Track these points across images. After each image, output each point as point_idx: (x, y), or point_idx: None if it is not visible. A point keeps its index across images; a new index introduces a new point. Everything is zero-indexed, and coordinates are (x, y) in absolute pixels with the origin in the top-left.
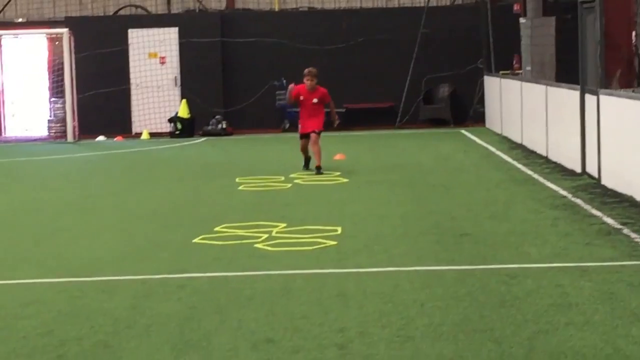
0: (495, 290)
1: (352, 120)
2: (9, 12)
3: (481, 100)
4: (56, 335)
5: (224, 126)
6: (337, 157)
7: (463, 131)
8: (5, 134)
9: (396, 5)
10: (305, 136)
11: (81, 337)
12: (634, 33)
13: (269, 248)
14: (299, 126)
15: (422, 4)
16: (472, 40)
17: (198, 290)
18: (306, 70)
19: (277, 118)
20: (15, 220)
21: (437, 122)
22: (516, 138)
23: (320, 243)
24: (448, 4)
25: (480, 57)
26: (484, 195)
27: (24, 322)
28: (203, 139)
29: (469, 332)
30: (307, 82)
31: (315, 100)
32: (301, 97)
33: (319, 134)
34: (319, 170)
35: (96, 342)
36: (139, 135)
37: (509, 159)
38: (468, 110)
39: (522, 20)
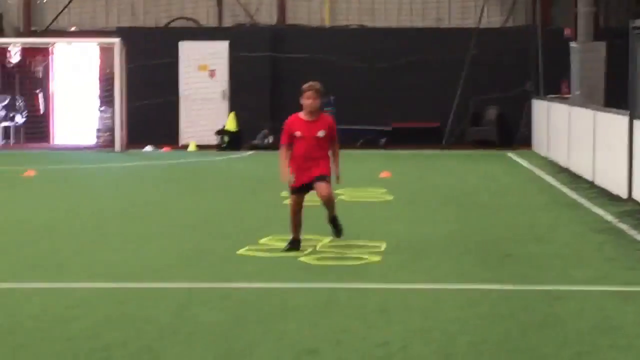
0: (538, 310)
1: (399, 139)
2: (62, 20)
3: (528, 123)
4: (101, 339)
5: (271, 140)
6: (383, 174)
7: (509, 154)
8: (54, 141)
9: (446, 26)
10: (300, 190)
11: (126, 342)
12: None
13: (314, 262)
14: (291, 176)
15: (473, 25)
16: (521, 63)
17: (242, 300)
18: (306, 85)
19: None
20: (63, 226)
21: (484, 144)
22: (563, 162)
23: (364, 259)
24: (498, 25)
25: (529, 81)
26: (529, 217)
27: (70, 325)
28: (250, 152)
29: (510, 351)
30: (308, 101)
31: (320, 134)
32: (297, 133)
33: (328, 180)
34: (335, 222)
35: (141, 347)
36: (186, 146)
37: (555, 183)
38: (515, 133)
39: (572, 44)
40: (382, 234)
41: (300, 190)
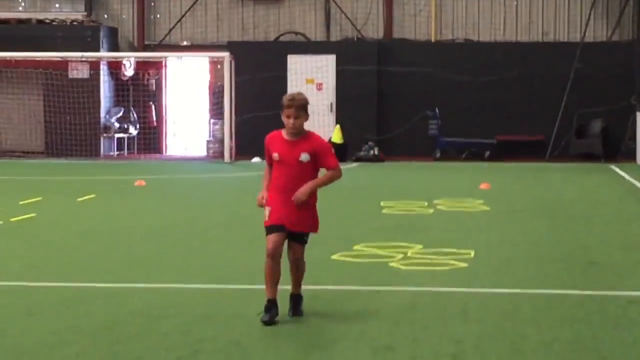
0: (612, 314)
1: (503, 152)
2: (175, 35)
3: (633, 137)
4: (194, 334)
5: (376, 152)
6: (483, 186)
7: (613, 167)
8: (166, 152)
9: (552, 40)
10: (276, 229)
11: (216, 337)
12: None
13: (402, 267)
14: (266, 209)
15: (578, 39)
16: (627, 77)
17: (330, 301)
18: (287, 98)
19: (429, 147)
20: (168, 232)
21: (588, 157)
22: None
23: (451, 264)
24: (604, 39)
25: (633, 94)
26: (621, 227)
27: (165, 321)
28: (355, 164)
29: (579, 350)
30: (288, 120)
31: (302, 157)
32: (275, 156)
33: (305, 239)
34: (297, 305)
35: (230, 341)
36: None
37: None
38: (620, 146)
39: None
40: (473, 243)
41: (274, 229)
